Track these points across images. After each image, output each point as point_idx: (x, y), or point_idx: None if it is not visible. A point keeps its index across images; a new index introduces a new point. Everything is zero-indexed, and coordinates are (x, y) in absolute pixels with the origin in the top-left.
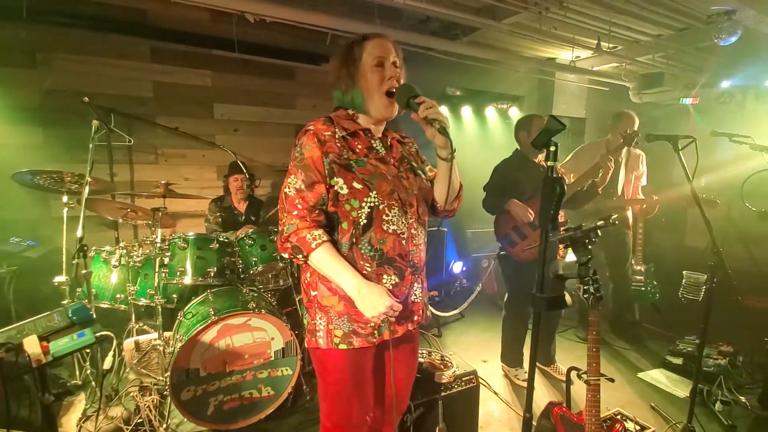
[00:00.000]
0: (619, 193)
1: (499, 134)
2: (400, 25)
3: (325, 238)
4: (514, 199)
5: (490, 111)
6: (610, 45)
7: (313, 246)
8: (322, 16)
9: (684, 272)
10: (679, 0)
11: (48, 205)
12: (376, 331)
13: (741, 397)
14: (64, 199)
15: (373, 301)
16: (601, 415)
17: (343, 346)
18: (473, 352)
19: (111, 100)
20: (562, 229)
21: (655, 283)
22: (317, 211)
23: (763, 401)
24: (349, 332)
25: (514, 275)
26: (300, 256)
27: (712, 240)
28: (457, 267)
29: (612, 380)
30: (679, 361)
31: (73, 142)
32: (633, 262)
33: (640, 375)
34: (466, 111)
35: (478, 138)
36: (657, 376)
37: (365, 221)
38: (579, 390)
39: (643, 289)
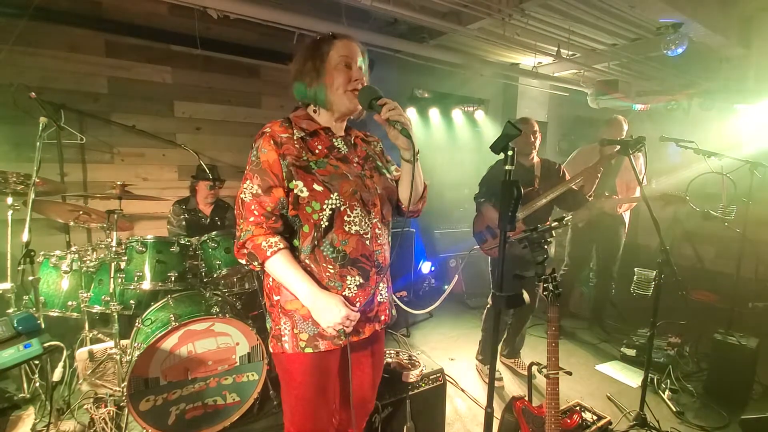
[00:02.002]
0: (616, 192)
1: (466, 136)
2: (368, 27)
3: (281, 246)
4: (487, 203)
5: (457, 113)
6: (569, 52)
7: (268, 254)
8: (288, 14)
9: (635, 269)
10: (631, 12)
11: None
12: (342, 334)
13: (688, 385)
14: (9, 200)
15: (329, 312)
16: (561, 408)
17: (309, 350)
18: (441, 350)
19: (61, 96)
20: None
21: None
22: (274, 218)
23: (707, 388)
24: (314, 335)
25: (493, 267)
26: (255, 263)
27: (660, 239)
28: (426, 267)
29: (569, 373)
30: (632, 353)
31: (19, 140)
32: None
33: (598, 367)
34: (434, 113)
35: (446, 140)
36: (613, 368)
37: (327, 223)
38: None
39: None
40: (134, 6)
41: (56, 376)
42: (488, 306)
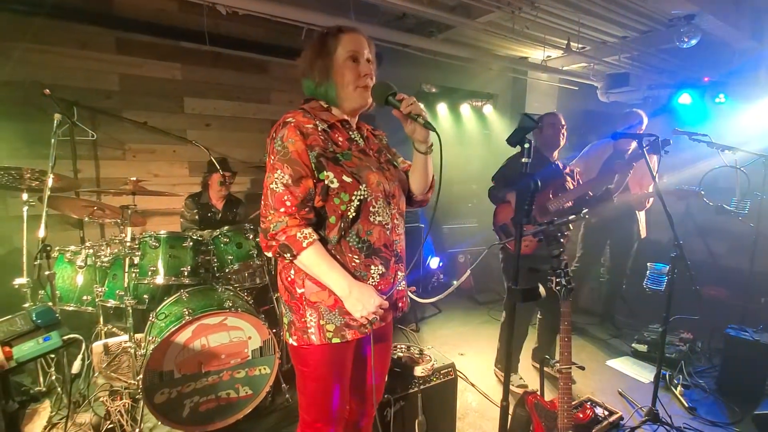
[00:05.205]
0: (628, 188)
1: (474, 131)
2: (376, 21)
3: (315, 237)
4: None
5: (465, 108)
6: (579, 45)
7: (304, 245)
8: (296, 9)
9: (648, 264)
10: (642, 3)
11: (5, 203)
12: (373, 322)
13: (700, 381)
14: (24, 196)
15: (364, 301)
16: (573, 403)
17: (336, 340)
18: (450, 345)
19: (74, 93)
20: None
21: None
22: (307, 208)
23: (720, 384)
24: (341, 325)
25: (510, 269)
26: (288, 255)
27: (674, 233)
28: (434, 262)
29: (582, 368)
30: (644, 348)
31: (33, 137)
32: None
33: (609, 363)
34: (442, 108)
35: (453, 135)
36: (624, 364)
37: (354, 214)
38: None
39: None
40: (144, 3)
41: (75, 368)
42: (503, 321)
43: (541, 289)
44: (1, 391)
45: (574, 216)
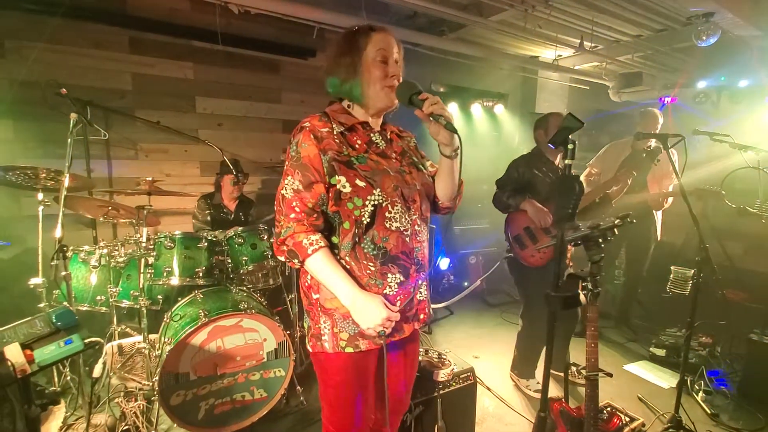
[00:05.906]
0: (647, 189)
1: (485, 131)
2: (387, 20)
3: (322, 244)
4: (532, 199)
5: (476, 108)
6: (592, 44)
7: (309, 252)
8: (308, 8)
9: (672, 267)
10: (660, 2)
11: (19, 202)
12: (382, 335)
13: (722, 386)
14: (40, 196)
15: (369, 313)
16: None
17: (349, 350)
18: (464, 348)
19: (87, 92)
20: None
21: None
22: (315, 215)
23: (742, 390)
24: (354, 335)
25: (525, 281)
26: (296, 260)
27: (700, 236)
28: (444, 263)
29: (610, 375)
30: (662, 352)
31: (47, 136)
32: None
33: (626, 367)
34: (452, 108)
35: (464, 135)
36: (642, 368)
37: (368, 220)
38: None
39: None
40: (157, 2)
41: (97, 372)
42: (520, 330)
43: (582, 297)
44: (23, 396)
45: (619, 220)
